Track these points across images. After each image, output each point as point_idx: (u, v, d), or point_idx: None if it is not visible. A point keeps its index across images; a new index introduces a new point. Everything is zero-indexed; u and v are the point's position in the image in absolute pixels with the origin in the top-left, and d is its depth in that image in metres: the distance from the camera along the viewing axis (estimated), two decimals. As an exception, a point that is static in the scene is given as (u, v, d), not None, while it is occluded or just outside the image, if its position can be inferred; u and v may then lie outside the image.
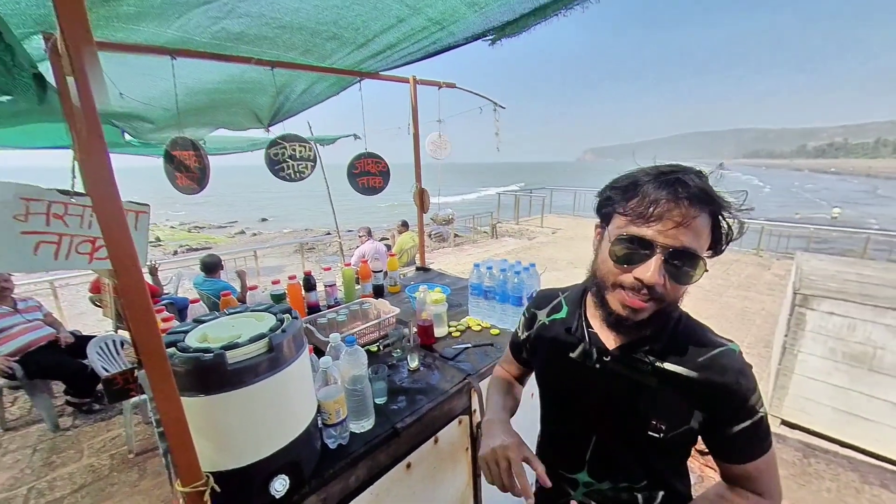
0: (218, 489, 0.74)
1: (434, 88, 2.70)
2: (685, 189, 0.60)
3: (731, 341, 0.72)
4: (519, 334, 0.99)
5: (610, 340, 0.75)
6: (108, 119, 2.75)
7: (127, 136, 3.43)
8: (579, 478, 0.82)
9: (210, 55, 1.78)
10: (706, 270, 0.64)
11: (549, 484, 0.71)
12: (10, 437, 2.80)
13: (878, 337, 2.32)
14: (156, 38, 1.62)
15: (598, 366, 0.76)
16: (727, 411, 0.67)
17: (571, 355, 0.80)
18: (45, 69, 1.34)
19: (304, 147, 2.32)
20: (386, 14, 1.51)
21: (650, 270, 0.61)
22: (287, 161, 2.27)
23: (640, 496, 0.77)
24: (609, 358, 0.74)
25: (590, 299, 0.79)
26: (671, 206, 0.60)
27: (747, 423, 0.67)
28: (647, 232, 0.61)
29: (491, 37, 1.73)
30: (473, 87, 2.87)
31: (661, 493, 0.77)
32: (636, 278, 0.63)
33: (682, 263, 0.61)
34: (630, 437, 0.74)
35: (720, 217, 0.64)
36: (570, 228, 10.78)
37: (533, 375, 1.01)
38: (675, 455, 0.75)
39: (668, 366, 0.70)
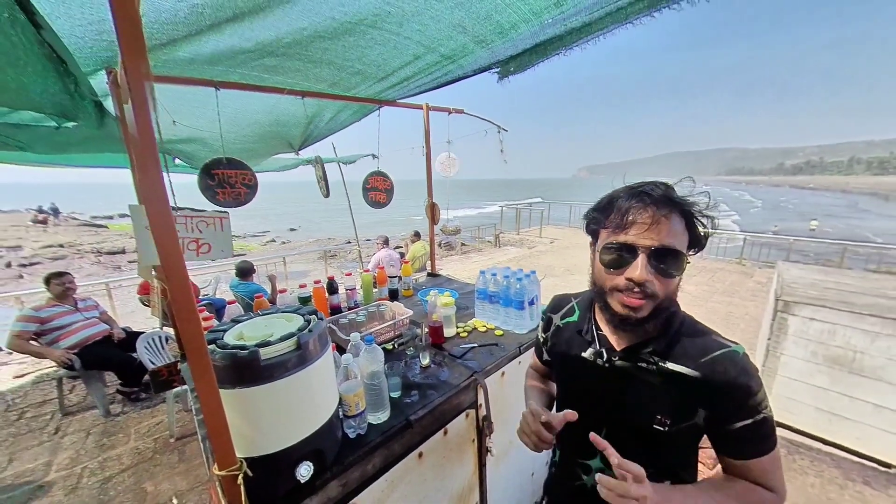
0: (250, 474, 0.74)
1: (444, 114, 2.73)
2: (650, 196, 0.64)
3: (736, 343, 0.69)
4: (539, 337, 1.00)
5: (617, 342, 0.76)
6: (163, 148, 2.84)
7: (178, 161, 3.54)
8: (592, 464, 0.81)
9: (249, 86, 1.84)
10: (688, 262, 0.66)
11: (575, 416, 0.73)
12: (68, 421, 2.85)
13: (857, 341, 2.23)
14: (203, 73, 1.68)
15: (607, 365, 0.76)
16: (727, 409, 0.66)
17: (583, 355, 0.80)
18: (107, 101, 1.39)
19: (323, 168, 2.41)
20: (404, 52, 1.54)
21: (638, 269, 0.63)
22: (320, 180, 2.34)
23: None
24: (617, 358, 0.74)
25: (597, 304, 0.80)
26: (641, 211, 0.64)
27: (748, 421, 0.65)
28: (627, 237, 0.65)
29: (497, 70, 1.75)
30: (480, 113, 2.89)
31: (667, 482, 0.74)
32: (627, 279, 0.65)
33: (663, 259, 0.64)
34: (637, 430, 0.73)
35: (693, 217, 0.66)
36: (566, 238, 10.70)
37: None
38: (681, 447, 0.73)
39: (670, 365, 0.69)
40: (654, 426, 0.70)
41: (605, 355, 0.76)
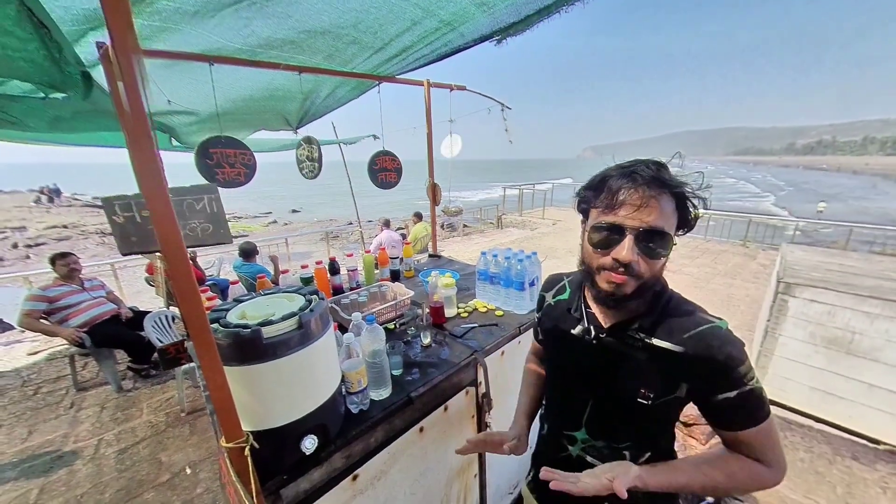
0: (257, 445, 0.77)
1: (446, 91, 2.65)
2: (641, 176, 0.63)
3: (720, 319, 0.70)
4: (535, 315, 1.02)
5: (605, 319, 0.77)
6: (157, 126, 2.79)
7: (174, 142, 3.48)
8: (578, 435, 0.84)
9: (243, 61, 1.78)
10: (675, 244, 0.67)
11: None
12: (82, 395, 2.96)
13: (857, 323, 2.24)
14: (195, 46, 1.62)
15: (594, 341, 0.77)
16: (710, 381, 0.67)
17: (573, 332, 0.82)
18: (95, 72, 1.35)
19: (314, 149, 2.39)
20: (401, 17, 1.48)
21: (625, 250, 0.64)
22: (306, 161, 2.31)
23: (627, 454, 0.78)
24: (604, 334, 0.76)
25: (585, 283, 0.81)
26: (631, 192, 0.64)
27: (732, 393, 0.66)
28: (615, 218, 0.65)
29: (498, 37, 1.68)
30: (482, 90, 2.81)
31: (648, 454, 0.77)
32: (614, 259, 0.66)
33: (650, 241, 0.64)
34: (621, 403, 0.75)
35: (684, 198, 0.66)
36: (568, 220, 10.62)
37: None
38: (662, 419, 0.75)
39: (655, 341, 0.71)
40: (638, 399, 0.72)
41: (592, 332, 0.78)
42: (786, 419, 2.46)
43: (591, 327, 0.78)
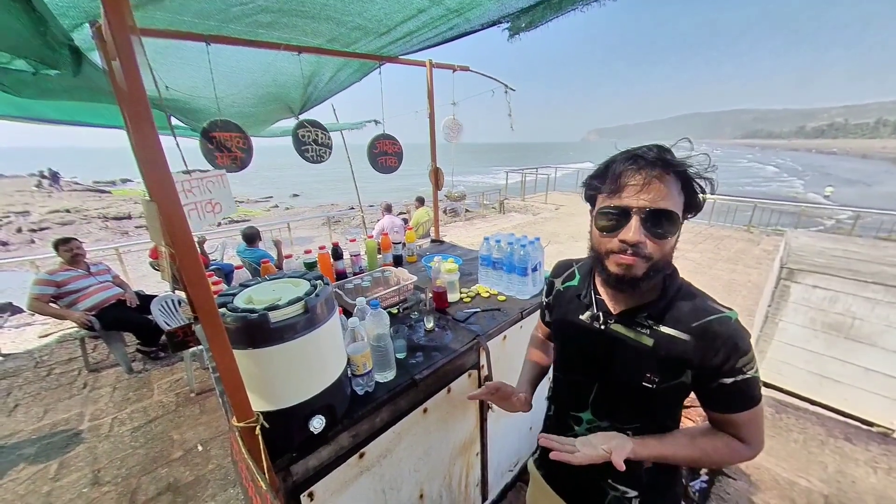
0: (266, 425, 0.79)
1: (449, 72, 2.58)
2: (643, 159, 0.65)
3: (730, 309, 0.71)
4: (542, 300, 1.04)
5: (614, 305, 0.78)
6: (156, 105, 2.73)
7: (174, 121, 3.42)
8: (583, 416, 0.86)
9: (242, 41, 1.73)
10: (682, 224, 0.67)
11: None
12: (94, 376, 3.04)
13: (858, 308, 2.25)
14: (193, 27, 1.58)
15: (602, 327, 0.78)
16: (713, 368, 0.68)
17: (581, 317, 0.83)
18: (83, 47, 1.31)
19: (325, 135, 2.33)
20: (407, 6, 1.43)
21: (631, 231, 0.65)
22: (311, 144, 2.27)
23: (631, 433, 0.79)
24: (613, 321, 0.77)
25: (595, 268, 0.82)
26: (633, 174, 0.65)
27: (731, 380, 0.68)
28: (621, 201, 0.66)
29: (507, 25, 1.62)
30: (486, 71, 2.73)
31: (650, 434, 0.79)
32: (621, 241, 0.67)
33: (656, 221, 0.65)
34: (626, 387, 0.76)
35: (689, 179, 0.66)
36: (571, 205, 10.54)
37: None
38: (667, 402, 0.77)
39: (663, 328, 0.72)
40: (643, 384, 0.73)
41: (601, 318, 0.79)
42: (781, 402, 2.51)
43: (600, 313, 0.79)
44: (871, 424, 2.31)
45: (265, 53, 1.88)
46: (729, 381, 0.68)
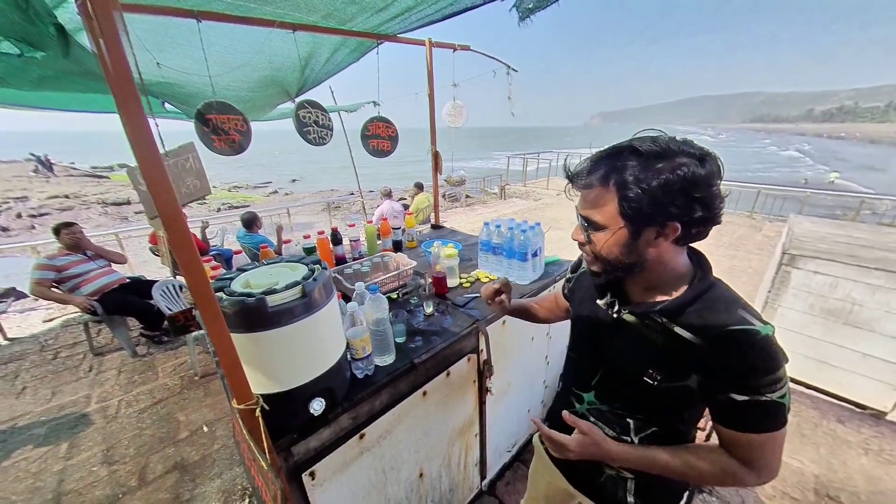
0: (266, 407, 0.80)
1: (449, 52, 2.50)
2: (591, 160, 0.69)
3: (766, 324, 0.63)
4: (568, 273, 1.06)
5: (633, 296, 0.78)
6: (148, 91, 2.67)
7: (168, 106, 3.35)
8: (586, 396, 0.87)
9: (234, 18, 1.67)
10: (613, 234, 0.68)
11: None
12: (99, 360, 3.08)
13: (858, 294, 2.25)
14: (182, 2, 1.52)
15: (615, 315, 0.78)
16: (723, 380, 0.64)
17: (598, 302, 0.83)
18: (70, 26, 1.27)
19: (326, 117, 2.28)
20: None
21: (574, 231, 0.75)
22: (312, 125, 2.22)
23: (631, 422, 0.79)
24: (626, 310, 0.76)
25: None
26: (579, 181, 0.70)
27: (741, 398, 0.63)
28: (578, 200, 0.73)
29: (514, 3, 1.54)
30: (487, 52, 2.65)
31: (653, 429, 0.78)
32: (573, 238, 0.76)
33: (587, 226, 0.71)
34: (628, 378, 0.76)
35: (624, 190, 0.64)
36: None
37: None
38: (672, 402, 0.74)
39: (676, 329, 0.68)
40: (644, 378, 0.72)
41: (615, 305, 0.78)
42: (777, 386, 2.54)
43: (615, 301, 0.79)
44: (864, 407, 2.35)
45: (258, 32, 1.82)
46: (741, 398, 0.62)
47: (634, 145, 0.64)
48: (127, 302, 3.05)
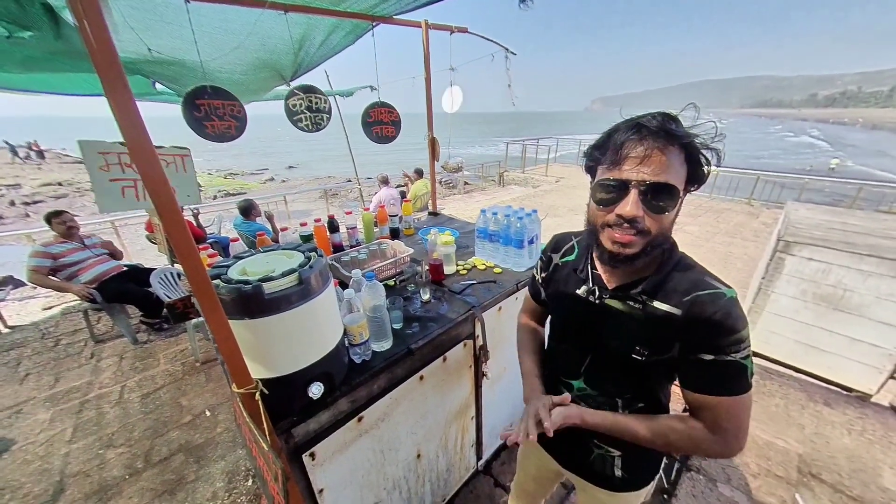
0: (266, 391, 0.82)
1: (446, 35, 2.44)
2: (646, 128, 0.62)
3: (729, 287, 0.69)
4: (536, 277, 1.02)
5: (610, 280, 0.78)
6: (138, 69, 2.60)
7: (159, 86, 3.27)
8: (574, 384, 0.88)
9: (224, -1, 1.62)
10: (683, 197, 0.66)
11: (568, 400, 0.81)
12: (100, 347, 3.11)
13: (850, 281, 2.28)
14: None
15: (597, 301, 0.79)
16: (696, 341, 0.67)
17: (577, 292, 0.83)
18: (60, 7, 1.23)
19: (321, 99, 2.20)
20: None
21: (628, 205, 0.63)
22: (304, 112, 2.17)
23: (619, 401, 0.82)
24: (607, 296, 0.77)
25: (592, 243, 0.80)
26: (635, 146, 0.62)
27: (709, 357, 0.66)
28: (621, 173, 0.64)
29: None
30: (485, 34, 2.59)
31: (640, 405, 0.81)
32: (618, 215, 0.65)
33: (656, 195, 0.63)
34: (617, 359, 0.78)
35: (695, 150, 0.64)
36: (572, 177, 10.37)
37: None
38: (656, 375, 0.77)
39: (656, 304, 0.71)
40: (633, 356, 0.74)
41: (596, 293, 0.79)
42: (767, 369, 2.60)
43: (596, 288, 0.79)
44: (850, 390, 2.41)
45: (249, 12, 1.76)
46: (708, 357, 0.65)
47: (659, 112, 0.64)
48: (126, 290, 3.05)
